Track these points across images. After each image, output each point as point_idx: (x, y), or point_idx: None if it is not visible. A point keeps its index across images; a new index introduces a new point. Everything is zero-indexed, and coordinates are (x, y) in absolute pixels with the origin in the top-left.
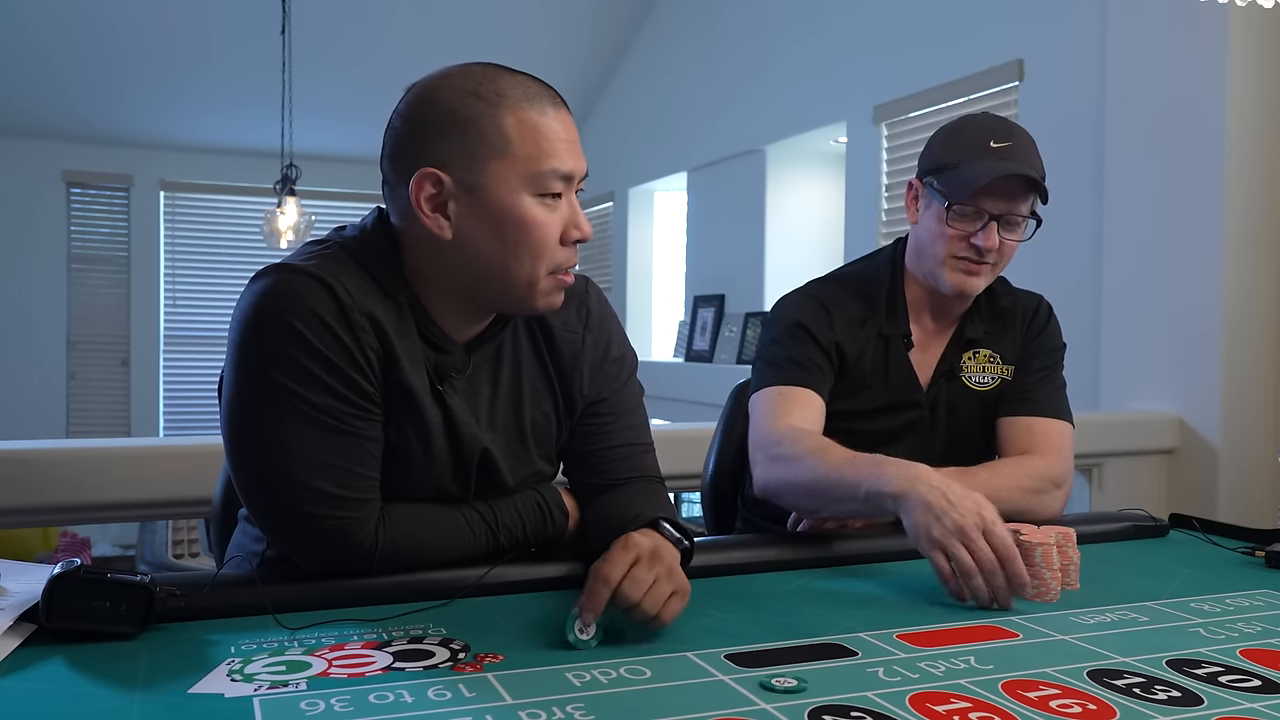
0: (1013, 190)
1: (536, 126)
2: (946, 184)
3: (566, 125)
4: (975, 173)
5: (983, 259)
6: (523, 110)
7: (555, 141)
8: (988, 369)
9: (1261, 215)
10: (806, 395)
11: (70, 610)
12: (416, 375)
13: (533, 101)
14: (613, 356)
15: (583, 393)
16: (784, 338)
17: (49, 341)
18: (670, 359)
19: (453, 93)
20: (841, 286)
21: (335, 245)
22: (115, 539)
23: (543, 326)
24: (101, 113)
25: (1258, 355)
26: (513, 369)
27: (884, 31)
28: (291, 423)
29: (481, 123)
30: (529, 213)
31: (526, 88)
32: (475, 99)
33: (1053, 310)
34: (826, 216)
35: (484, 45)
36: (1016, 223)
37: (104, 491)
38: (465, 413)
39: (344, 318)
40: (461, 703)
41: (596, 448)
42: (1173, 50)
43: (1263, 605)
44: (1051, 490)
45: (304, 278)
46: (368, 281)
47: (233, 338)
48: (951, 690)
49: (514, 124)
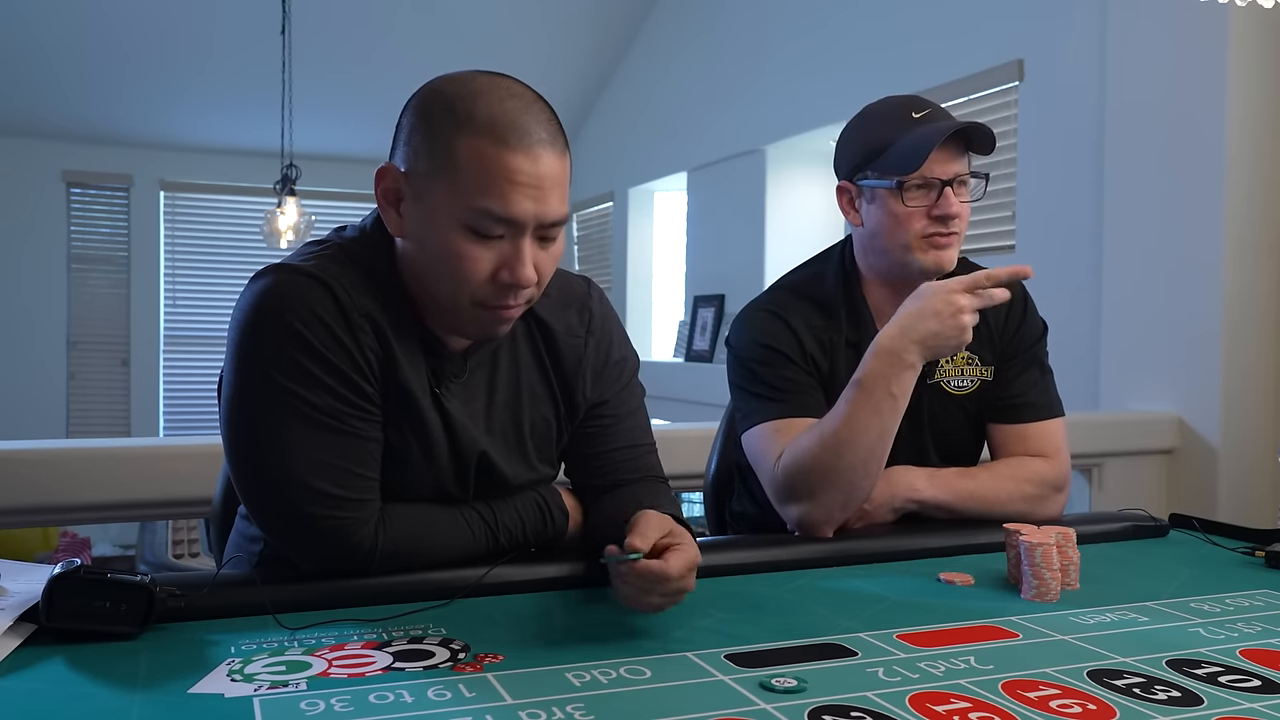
0: (951, 152)
1: (487, 160)
2: (886, 166)
3: (534, 167)
4: (915, 143)
5: (949, 228)
6: (479, 138)
7: (500, 181)
8: (966, 371)
9: (1261, 215)
10: (798, 424)
11: (70, 610)
12: (415, 377)
13: (497, 131)
14: (615, 359)
15: (585, 395)
16: (757, 363)
17: (49, 341)
18: (670, 359)
19: (437, 98)
20: (795, 295)
21: (335, 246)
22: (115, 539)
23: (544, 330)
24: (101, 113)
25: (1258, 355)
26: (512, 373)
27: (884, 31)
28: (291, 423)
29: (441, 139)
30: (454, 243)
31: (503, 114)
32: (448, 112)
33: (1027, 293)
34: (826, 216)
35: (484, 45)
36: (965, 183)
37: (104, 491)
38: (463, 416)
39: (343, 318)
40: (461, 703)
41: (600, 450)
42: (1173, 50)
43: (1263, 605)
44: (1053, 495)
45: (303, 278)
46: (367, 282)
47: (232, 338)
48: (951, 690)
49: (464, 149)
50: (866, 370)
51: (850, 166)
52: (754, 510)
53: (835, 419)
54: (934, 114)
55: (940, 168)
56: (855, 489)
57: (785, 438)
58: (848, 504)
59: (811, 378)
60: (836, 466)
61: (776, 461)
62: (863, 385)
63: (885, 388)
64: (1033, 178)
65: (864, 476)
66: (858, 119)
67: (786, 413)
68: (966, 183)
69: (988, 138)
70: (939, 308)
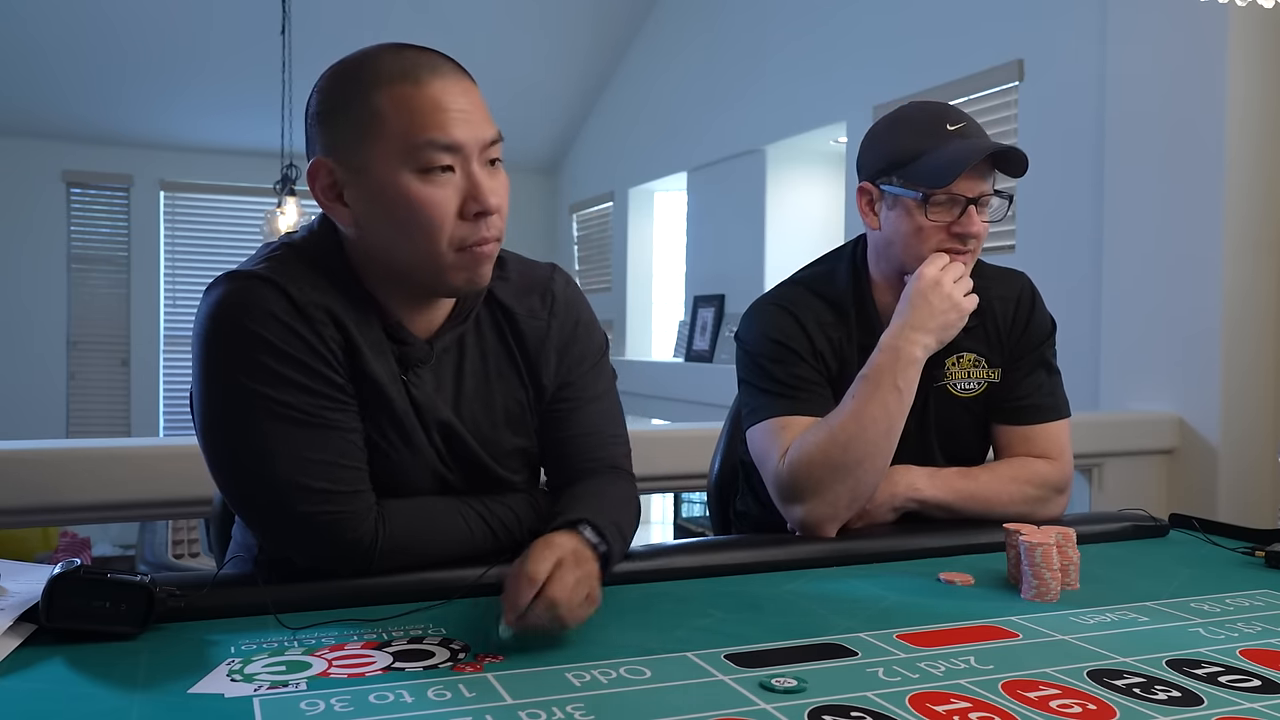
0: (980, 171)
1: (409, 99)
2: (914, 176)
3: (452, 93)
4: (947, 158)
5: (967, 246)
6: (395, 85)
7: (431, 113)
8: (973, 374)
9: (1261, 215)
10: (805, 423)
11: (70, 610)
12: (382, 365)
13: (409, 74)
14: (579, 339)
15: (551, 377)
16: (766, 359)
17: (49, 341)
18: (670, 359)
19: (334, 79)
20: (808, 291)
21: (284, 247)
22: (115, 539)
23: (506, 314)
24: (101, 113)
25: (1257, 355)
26: (479, 359)
27: (884, 31)
28: (267, 425)
29: (355, 105)
30: (411, 191)
31: (405, 61)
32: (351, 81)
33: (1035, 291)
34: (826, 216)
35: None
36: (987, 203)
37: (104, 491)
38: (434, 401)
39: (300, 314)
40: (461, 703)
41: (565, 434)
42: (1173, 50)
43: (1263, 605)
44: (1054, 496)
45: (255, 281)
46: (320, 277)
47: (196, 352)
48: (951, 690)
49: (385, 100)
50: (872, 365)
51: (875, 170)
52: (757, 509)
53: (842, 414)
54: (967, 129)
55: (968, 185)
56: (861, 485)
57: (791, 435)
58: (853, 501)
59: (821, 376)
60: (844, 462)
61: (781, 458)
62: (869, 380)
63: (891, 382)
64: (1033, 178)
65: (870, 472)
66: (888, 122)
67: (794, 410)
68: (989, 203)
69: (1021, 161)
70: (925, 290)
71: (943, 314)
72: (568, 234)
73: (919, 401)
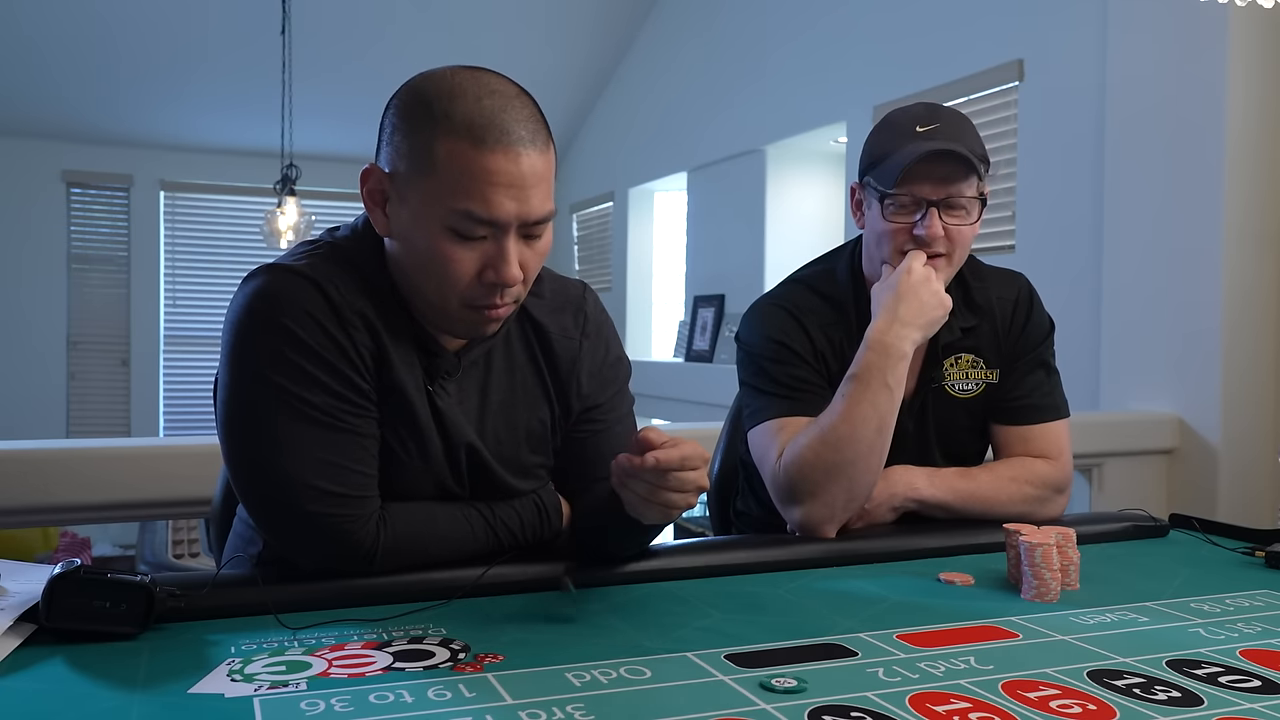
0: (948, 173)
1: (466, 161)
2: (878, 177)
3: (511, 167)
4: (900, 160)
5: (932, 249)
6: (459, 140)
7: (481, 183)
8: (970, 375)
9: (1261, 214)
10: (804, 424)
11: (70, 610)
12: (409, 375)
13: (475, 131)
14: (610, 362)
15: (579, 397)
16: (767, 360)
17: (49, 341)
18: (670, 359)
19: (413, 99)
20: (808, 290)
21: (327, 245)
22: (115, 539)
23: (539, 332)
24: (101, 113)
25: (1258, 355)
26: (506, 374)
27: (884, 31)
28: (287, 422)
29: (418, 139)
30: (438, 244)
31: (482, 113)
32: (424, 112)
33: (1033, 292)
34: (826, 216)
35: (484, 45)
36: (960, 205)
37: (104, 491)
38: (457, 415)
39: (336, 316)
40: (461, 703)
41: (592, 454)
42: (1173, 49)
43: (1263, 605)
44: (1054, 496)
45: (296, 277)
46: (359, 280)
47: (226, 339)
48: (951, 690)
49: (444, 150)
50: (861, 363)
51: (860, 169)
52: (758, 509)
53: (833, 414)
54: (937, 131)
55: (930, 187)
56: (856, 485)
57: (789, 436)
58: (850, 501)
59: (821, 377)
60: (837, 462)
61: (778, 460)
62: (858, 379)
63: (881, 379)
64: (1032, 177)
65: (865, 472)
66: (879, 121)
67: (793, 411)
68: (964, 205)
69: (966, 162)
70: (916, 285)
71: (931, 310)
72: (568, 234)
73: (917, 403)
